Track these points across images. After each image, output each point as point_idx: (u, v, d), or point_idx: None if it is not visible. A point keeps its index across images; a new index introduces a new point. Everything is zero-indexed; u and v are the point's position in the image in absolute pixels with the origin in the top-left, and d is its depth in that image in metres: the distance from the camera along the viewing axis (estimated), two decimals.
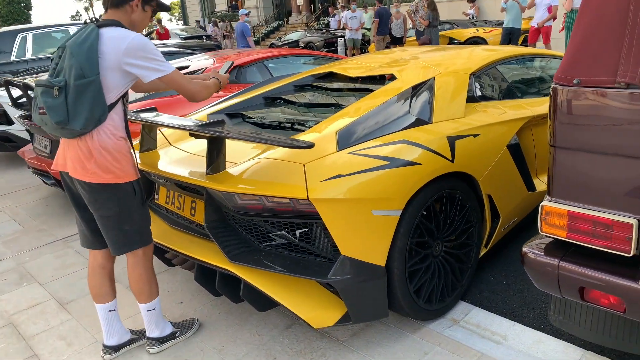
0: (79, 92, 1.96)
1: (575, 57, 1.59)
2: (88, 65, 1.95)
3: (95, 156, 2.09)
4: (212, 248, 2.43)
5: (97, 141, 2.08)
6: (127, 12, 2.15)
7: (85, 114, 1.98)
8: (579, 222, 1.66)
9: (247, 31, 11.96)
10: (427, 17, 11.46)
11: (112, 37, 2.03)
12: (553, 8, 9.66)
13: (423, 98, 2.69)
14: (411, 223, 2.28)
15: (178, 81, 2.18)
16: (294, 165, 2.21)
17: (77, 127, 1.98)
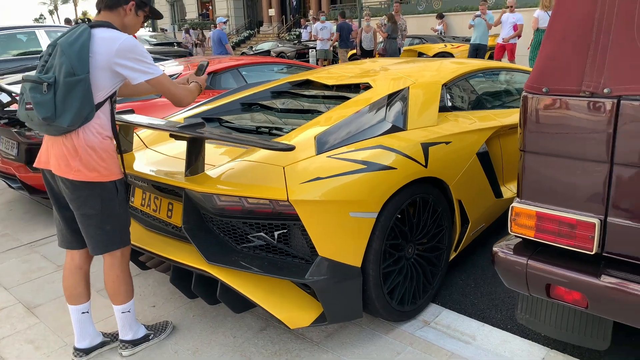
0: (68, 89, 1.96)
1: (544, 67, 1.69)
2: (79, 63, 1.96)
3: (80, 154, 2.09)
4: (188, 250, 2.44)
5: (84, 139, 2.09)
6: (120, 15, 2.18)
7: (73, 111, 1.98)
8: (546, 222, 1.76)
9: (224, 38, 11.98)
10: (387, 29, 11.94)
11: (104, 37, 2.05)
12: (518, 26, 10.11)
13: (398, 106, 2.78)
14: (386, 225, 2.35)
15: (166, 85, 2.21)
16: (273, 167, 2.25)
17: (64, 123, 1.98)
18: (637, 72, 1.52)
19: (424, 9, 19.15)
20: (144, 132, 3.10)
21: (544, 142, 1.74)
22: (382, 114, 2.71)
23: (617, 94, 1.56)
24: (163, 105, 4.42)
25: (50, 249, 3.75)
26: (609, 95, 1.57)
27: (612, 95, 1.56)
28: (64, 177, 2.12)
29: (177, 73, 4.77)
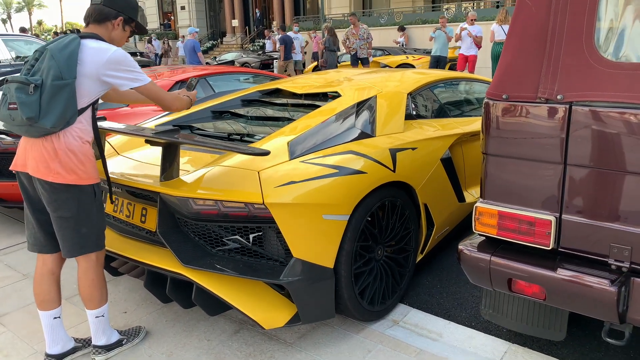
0: (54, 92, 2.01)
1: (504, 75, 1.83)
2: (67, 68, 2.03)
3: (60, 156, 2.12)
4: (163, 254, 2.47)
5: (64, 142, 2.13)
6: (108, 28, 2.27)
7: (57, 113, 2.02)
8: (507, 221, 1.89)
9: (197, 47, 12.39)
10: (325, 42, 12.52)
11: (94, 48, 2.13)
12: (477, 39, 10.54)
13: (366, 114, 2.89)
14: (357, 228, 2.45)
15: (154, 91, 2.31)
16: (248, 172, 2.32)
17: (47, 124, 2.02)
18: (587, 80, 1.67)
19: (386, 21, 19.57)
20: (115, 139, 3.11)
21: (504, 145, 1.87)
22: (351, 121, 2.81)
23: (569, 100, 1.70)
24: (129, 114, 4.41)
25: (15, 257, 3.68)
26: (562, 101, 1.71)
27: (564, 101, 1.71)
28: (43, 179, 2.13)
29: None
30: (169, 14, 33.78)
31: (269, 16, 28.98)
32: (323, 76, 3.94)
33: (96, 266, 2.34)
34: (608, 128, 1.64)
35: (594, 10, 1.65)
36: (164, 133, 2.33)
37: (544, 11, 1.74)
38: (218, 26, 31.82)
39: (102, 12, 2.24)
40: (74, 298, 3.05)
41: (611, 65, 1.63)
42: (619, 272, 1.71)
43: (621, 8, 1.64)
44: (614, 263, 1.71)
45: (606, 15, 1.65)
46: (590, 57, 1.66)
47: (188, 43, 12.22)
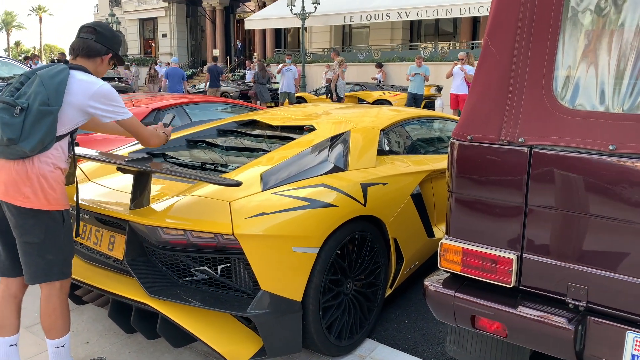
0: (39, 117, 2.05)
1: (469, 117, 1.91)
2: (55, 96, 2.09)
3: (32, 180, 2.13)
4: (129, 283, 2.43)
5: (37, 167, 2.14)
6: (96, 63, 2.35)
7: (37, 137, 2.06)
8: (470, 258, 1.94)
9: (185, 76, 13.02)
10: (254, 76, 13.83)
11: (83, 80, 2.19)
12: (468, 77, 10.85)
13: (339, 148, 2.95)
14: (327, 261, 2.46)
15: (135, 125, 2.38)
16: (219, 202, 2.32)
17: (27, 147, 2.05)
18: (546, 125, 1.75)
19: (364, 57, 20.04)
20: (86, 165, 3.09)
21: (468, 184, 1.93)
22: (324, 154, 2.86)
23: (529, 144, 1.78)
24: (103, 140, 4.38)
25: None
26: (523, 144, 1.79)
27: (525, 144, 1.78)
28: (12, 203, 2.12)
29: None
30: (150, 40, 33.95)
31: (251, 48, 29.36)
32: (300, 109, 4.01)
33: (60, 294, 2.29)
34: (566, 171, 1.72)
35: (552, 59, 1.75)
36: (135, 161, 2.33)
37: (507, 59, 1.84)
38: (199, 55, 32.05)
39: (94, 49, 2.32)
40: (34, 327, 2.96)
41: (568, 112, 1.71)
42: (577, 311, 1.75)
43: (578, 58, 1.74)
44: (572, 302, 1.76)
45: (563, 65, 1.75)
46: (549, 104, 1.74)
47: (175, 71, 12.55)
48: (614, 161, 1.63)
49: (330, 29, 23.73)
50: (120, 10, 32.94)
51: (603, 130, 1.65)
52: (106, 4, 34.33)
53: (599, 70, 1.70)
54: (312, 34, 24.19)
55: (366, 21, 19.61)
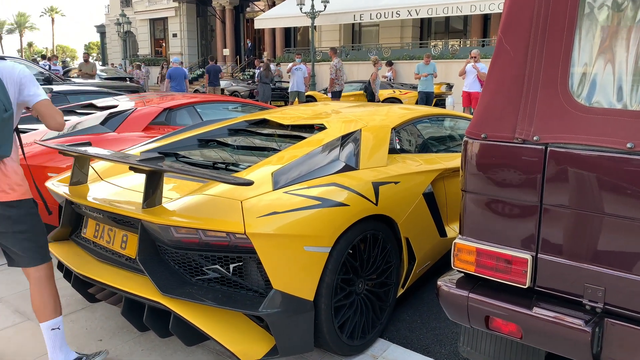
0: (4, 123, 2.17)
1: (483, 115, 1.89)
2: (5, 99, 2.18)
3: (10, 176, 2.30)
4: (142, 281, 2.44)
5: (10, 164, 2.31)
6: None
7: (9, 140, 2.22)
8: (484, 258, 1.92)
9: (187, 75, 13.48)
10: (258, 75, 14.40)
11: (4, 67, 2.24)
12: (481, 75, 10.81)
13: (351, 147, 2.93)
14: (339, 260, 2.45)
15: (51, 107, 2.38)
16: (231, 201, 2.32)
17: (6, 153, 2.21)
18: (562, 123, 1.73)
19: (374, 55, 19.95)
20: (98, 165, 3.11)
21: (482, 183, 1.91)
22: (335, 153, 2.85)
23: (544, 142, 1.75)
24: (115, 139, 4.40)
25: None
26: (538, 142, 1.76)
27: (540, 142, 1.76)
28: None
29: (131, 109, 4.78)
30: (160, 40, 34.11)
31: (260, 47, 29.40)
32: (311, 108, 4.00)
33: (50, 275, 2.45)
34: (582, 170, 1.69)
35: (568, 56, 1.72)
36: (147, 161, 2.34)
37: (521, 56, 1.81)
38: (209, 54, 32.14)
39: None
40: None
41: (584, 110, 1.69)
42: (593, 312, 1.73)
43: (594, 55, 1.72)
44: (588, 303, 1.73)
45: (579, 61, 1.72)
46: (564, 101, 1.72)
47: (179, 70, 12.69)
48: (632, 159, 1.60)
49: (340, 28, 23.69)
50: (131, 10, 33.14)
51: (620, 128, 1.62)
52: (117, 4, 34.55)
53: (616, 67, 1.67)
54: (322, 32, 24.16)
55: (376, 19, 19.55)
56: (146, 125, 4.64)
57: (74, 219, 2.92)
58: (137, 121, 4.60)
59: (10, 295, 3.37)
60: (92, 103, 5.29)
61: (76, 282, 2.78)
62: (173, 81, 12.63)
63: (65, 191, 2.78)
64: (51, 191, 2.93)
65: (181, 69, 13.31)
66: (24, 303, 3.26)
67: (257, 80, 14.71)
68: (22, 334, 2.88)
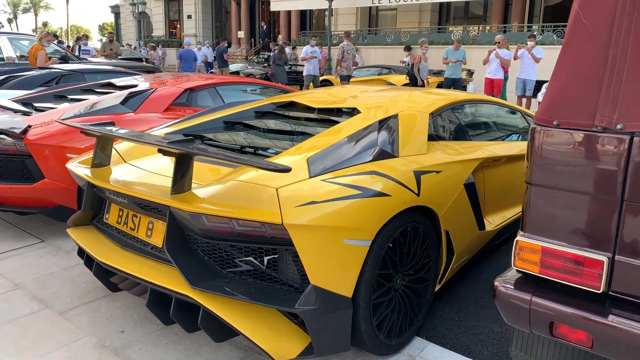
0: None
1: (555, 99, 1.68)
2: None
3: None
4: (169, 272, 2.29)
5: None
6: None
7: None
8: (551, 258, 1.73)
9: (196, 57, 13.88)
10: (273, 57, 14.09)
11: None
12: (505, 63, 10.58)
13: (389, 133, 2.74)
14: (379, 254, 2.28)
15: None
16: (266, 189, 2.15)
17: None
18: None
19: (392, 40, 19.59)
20: (122, 146, 2.95)
21: (552, 175, 1.71)
22: (373, 139, 2.66)
23: (630, 131, 1.55)
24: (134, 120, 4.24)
25: (7, 264, 3.48)
26: (622, 131, 1.56)
27: (625, 131, 1.56)
28: None
29: (152, 89, 4.60)
30: (175, 22, 33.84)
31: (276, 30, 29.04)
32: (340, 91, 3.80)
33: None
34: None
35: None
36: (178, 143, 2.17)
37: (604, 32, 1.60)
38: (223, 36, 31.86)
39: None
40: (68, 313, 2.85)
41: None
42: None
43: None
44: None
45: None
46: None
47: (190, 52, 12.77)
48: None
49: (357, 11, 23.27)
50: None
51: None
52: None
53: None
54: (338, 16, 23.76)
55: (395, 3, 19.15)
56: (167, 106, 4.47)
57: (95, 203, 2.77)
58: (158, 102, 4.43)
59: (28, 280, 3.25)
60: (111, 82, 5.12)
61: (98, 271, 2.64)
62: (184, 62, 12.78)
63: (86, 173, 2.62)
64: (72, 173, 2.78)
65: (192, 50, 13.66)
66: (43, 289, 3.14)
67: (272, 62, 14.60)
68: (41, 322, 2.75)
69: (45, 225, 4.24)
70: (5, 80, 5.97)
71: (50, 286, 3.17)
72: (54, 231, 4.12)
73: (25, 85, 5.74)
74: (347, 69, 12.39)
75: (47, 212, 3.86)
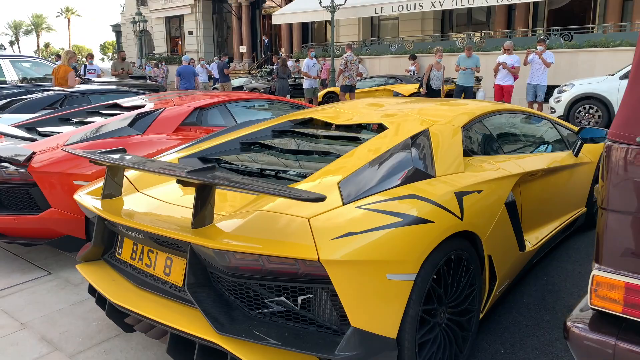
0: None
1: (635, 113, 1.46)
2: None
3: None
4: (190, 314, 2.06)
5: None
6: None
7: None
8: (638, 296, 1.50)
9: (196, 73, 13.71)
10: (276, 71, 14.11)
11: None
12: (515, 68, 10.40)
13: (423, 150, 2.52)
14: (423, 288, 2.05)
15: None
16: (296, 219, 1.93)
17: None
18: None
19: (396, 49, 19.45)
20: (131, 172, 2.74)
21: (633, 199, 1.49)
22: (406, 158, 2.44)
23: None
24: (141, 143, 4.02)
25: (13, 302, 3.26)
26: None
27: None
28: None
29: (160, 109, 4.41)
30: (176, 38, 33.89)
31: (277, 43, 29.00)
32: (360, 105, 3.59)
33: None
34: None
35: None
36: (198, 172, 1.96)
37: None
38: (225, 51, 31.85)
39: None
40: (78, 356, 2.62)
41: None
42: None
43: None
44: None
45: None
46: None
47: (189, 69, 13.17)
48: None
49: (359, 22, 23.17)
50: (146, 9, 32.95)
51: None
52: (132, 3, 34.38)
53: None
54: (340, 27, 23.66)
55: (397, 12, 19.02)
56: (177, 126, 4.27)
57: (106, 238, 2.55)
58: (167, 122, 4.24)
59: (35, 319, 3.03)
60: (117, 103, 4.94)
61: (111, 311, 2.41)
62: (182, 79, 12.80)
63: (96, 206, 2.41)
64: (81, 205, 2.56)
65: (190, 67, 13.59)
66: (51, 328, 2.91)
67: (275, 76, 14.62)
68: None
69: (52, 256, 4.02)
70: (8, 104, 5.80)
71: (59, 325, 2.95)
72: (61, 262, 3.90)
73: (28, 109, 5.56)
74: (349, 79, 12.23)
75: (54, 243, 3.65)
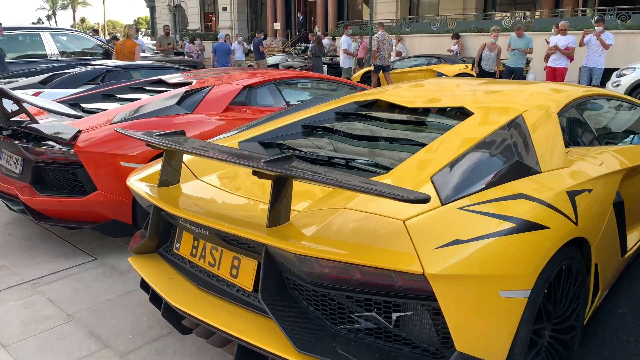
0: None
1: None
2: None
3: None
4: (262, 325, 1.80)
5: None
6: None
7: None
8: None
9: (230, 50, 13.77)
10: (311, 49, 13.86)
11: None
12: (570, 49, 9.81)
13: (522, 140, 2.18)
14: (535, 306, 1.74)
15: None
16: (389, 221, 1.63)
17: None
18: None
19: (437, 28, 18.73)
20: (188, 157, 2.47)
21: None
22: (507, 149, 2.10)
23: None
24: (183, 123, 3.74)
25: (59, 289, 3.08)
26: None
27: None
28: None
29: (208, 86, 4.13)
30: (210, 14, 33.63)
31: (312, 20, 28.44)
32: (433, 85, 3.24)
33: None
34: None
35: None
36: (276, 163, 1.67)
37: None
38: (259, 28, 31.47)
39: None
40: (129, 355, 2.41)
41: None
42: None
43: None
44: None
45: None
46: None
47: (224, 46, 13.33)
48: None
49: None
50: None
51: None
52: None
53: None
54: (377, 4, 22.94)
55: None
56: (227, 106, 4.00)
57: (162, 229, 2.31)
58: (216, 101, 3.97)
59: (82, 310, 2.84)
60: (162, 79, 4.69)
61: (168, 312, 2.17)
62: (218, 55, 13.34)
63: (153, 194, 2.16)
64: (135, 193, 2.32)
65: (225, 44, 13.81)
66: (99, 322, 2.71)
67: (310, 54, 14.44)
68: None
69: (96, 239, 3.84)
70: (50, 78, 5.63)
71: (107, 318, 2.75)
72: (105, 247, 3.71)
73: (70, 84, 5.38)
74: (381, 59, 11.79)
75: (99, 228, 3.45)
